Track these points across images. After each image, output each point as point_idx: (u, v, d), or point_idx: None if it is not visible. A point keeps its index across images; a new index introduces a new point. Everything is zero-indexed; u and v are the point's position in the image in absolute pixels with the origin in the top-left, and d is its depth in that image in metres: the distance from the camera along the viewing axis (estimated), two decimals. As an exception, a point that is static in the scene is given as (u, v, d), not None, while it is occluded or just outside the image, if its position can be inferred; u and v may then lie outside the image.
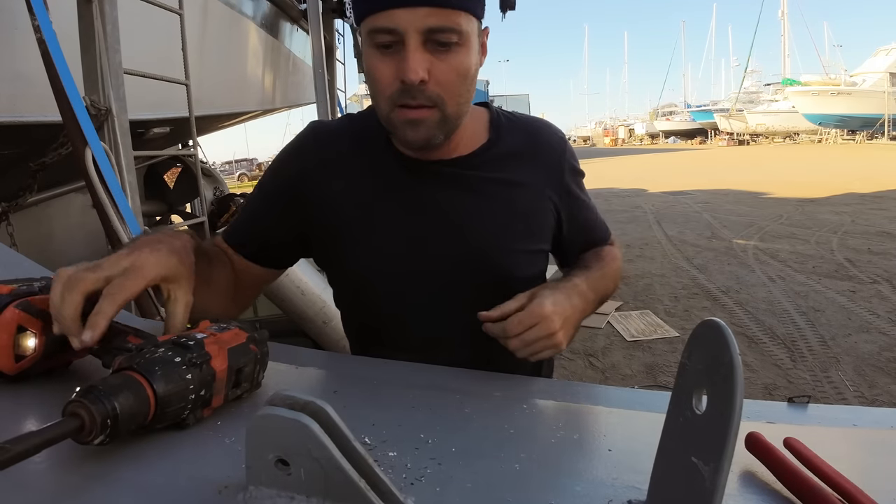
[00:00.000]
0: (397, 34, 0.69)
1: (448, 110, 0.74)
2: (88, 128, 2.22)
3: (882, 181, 12.31)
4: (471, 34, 0.73)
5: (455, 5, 0.70)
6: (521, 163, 0.86)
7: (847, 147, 30.42)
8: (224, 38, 4.65)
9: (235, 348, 0.54)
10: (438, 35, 0.69)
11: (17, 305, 0.56)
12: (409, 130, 0.74)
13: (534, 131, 0.90)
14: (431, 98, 0.72)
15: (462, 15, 0.71)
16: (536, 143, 0.88)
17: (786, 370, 3.55)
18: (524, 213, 0.86)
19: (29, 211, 3.23)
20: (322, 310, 3.27)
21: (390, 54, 0.71)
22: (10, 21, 2.30)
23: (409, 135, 0.75)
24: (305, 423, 0.34)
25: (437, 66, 0.71)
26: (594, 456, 0.48)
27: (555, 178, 0.89)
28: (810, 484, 0.41)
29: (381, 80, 0.73)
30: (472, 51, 0.74)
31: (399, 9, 0.68)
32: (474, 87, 0.77)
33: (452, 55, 0.71)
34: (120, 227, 2.29)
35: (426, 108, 0.73)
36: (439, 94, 0.72)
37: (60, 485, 0.42)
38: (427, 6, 0.68)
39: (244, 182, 27.64)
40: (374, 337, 0.92)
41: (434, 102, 0.72)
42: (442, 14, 0.69)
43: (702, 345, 0.35)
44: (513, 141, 0.87)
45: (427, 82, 0.70)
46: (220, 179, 6.09)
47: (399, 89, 0.71)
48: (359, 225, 0.84)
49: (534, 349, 0.71)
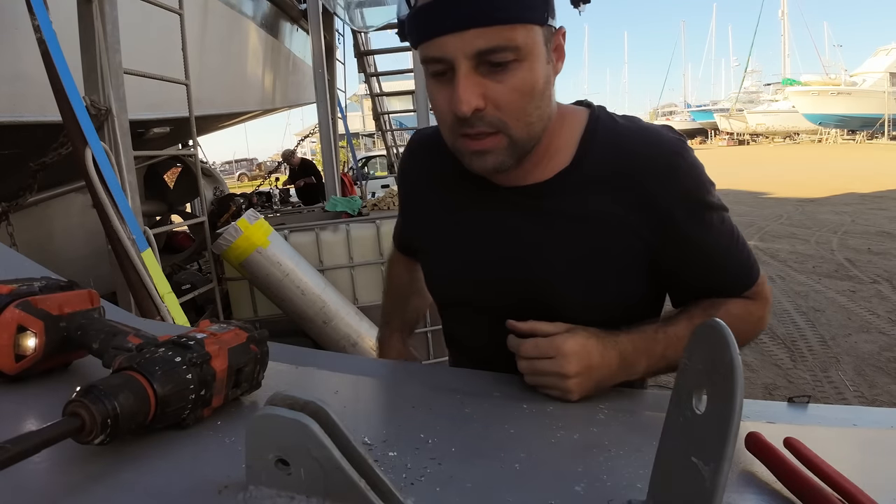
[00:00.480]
0: (447, 62, 0.64)
1: (515, 133, 0.67)
2: (88, 128, 2.22)
3: (882, 181, 12.30)
4: (533, 45, 0.64)
5: (506, 20, 0.62)
6: (605, 190, 0.73)
7: (847, 147, 30.42)
8: (224, 38, 4.65)
9: (235, 348, 0.54)
10: (491, 56, 0.63)
11: (18, 305, 0.56)
12: (474, 160, 0.70)
13: (634, 151, 0.73)
14: (493, 124, 0.66)
15: (517, 28, 0.63)
16: (632, 167, 0.72)
17: (786, 370, 3.55)
18: (595, 249, 0.74)
19: (29, 211, 3.23)
20: (322, 310, 3.28)
21: (445, 82, 0.66)
22: (11, 21, 2.30)
23: (475, 164, 0.70)
24: (305, 423, 0.34)
25: (493, 90, 0.64)
26: (594, 456, 0.48)
27: (651, 211, 0.72)
28: (810, 484, 0.41)
29: (439, 110, 0.69)
30: (538, 63, 0.66)
31: (446, 35, 0.62)
32: (549, 101, 0.70)
33: (511, 74, 0.64)
34: (120, 227, 2.29)
35: (490, 136, 0.67)
36: (500, 118, 0.66)
37: (61, 485, 0.42)
38: (475, 27, 0.61)
39: (244, 182, 27.61)
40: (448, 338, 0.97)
41: (496, 128, 0.66)
42: (492, 33, 0.62)
43: (702, 345, 0.35)
44: (601, 164, 0.73)
45: (483, 109, 0.64)
46: (220, 179, 6.10)
47: (456, 119, 0.66)
48: (429, 238, 0.87)
49: (540, 381, 0.65)
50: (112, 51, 2.46)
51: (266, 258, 3.19)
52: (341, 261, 3.64)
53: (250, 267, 3.21)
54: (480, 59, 0.63)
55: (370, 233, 3.64)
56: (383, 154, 10.86)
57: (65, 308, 0.60)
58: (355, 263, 3.64)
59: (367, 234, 3.64)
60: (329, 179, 5.36)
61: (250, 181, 25.29)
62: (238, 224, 3.16)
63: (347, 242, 3.62)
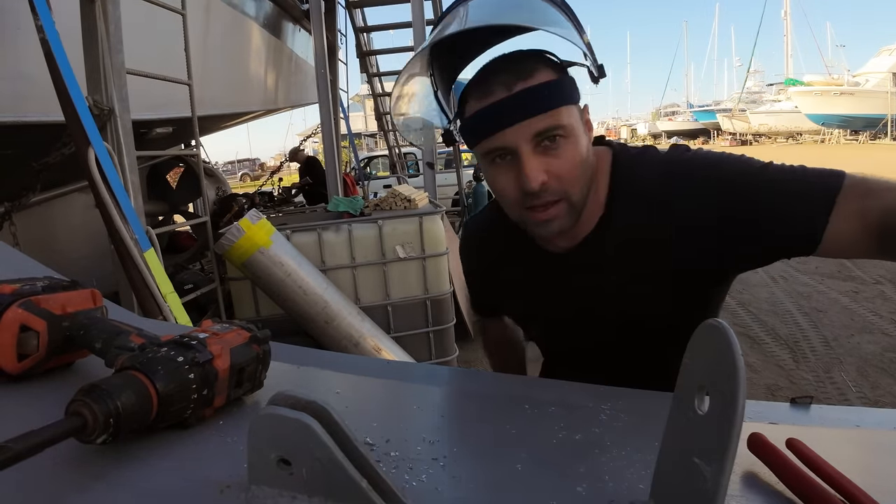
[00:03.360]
0: (509, 149, 0.76)
1: (574, 198, 0.78)
2: (91, 128, 2.23)
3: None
4: (574, 122, 0.77)
5: (552, 106, 0.74)
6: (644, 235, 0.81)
7: (850, 147, 30.34)
8: (227, 39, 4.66)
9: (238, 348, 0.54)
10: (546, 135, 0.74)
11: (20, 305, 0.56)
12: (541, 229, 0.80)
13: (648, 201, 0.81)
14: (556, 193, 0.76)
15: (562, 110, 0.75)
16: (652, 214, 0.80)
17: (788, 371, 3.55)
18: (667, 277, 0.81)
19: (32, 210, 3.23)
20: (324, 310, 3.28)
21: (506, 165, 0.77)
22: (13, 21, 2.31)
23: (542, 231, 0.81)
24: (307, 423, 0.34)
25: (552, 164, 0.75)
26: (596, 456, 0.48)
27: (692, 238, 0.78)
28: (813, 485, 0.41)
29: (505, 192, 0.79)
30: (580, 135, 0.78)
31: (507, 128, 0.74)
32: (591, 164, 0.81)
33: (563, 149, 0.76)
34: (122, 227, 2.29)
35: (553, 205, 0.77)
36: (561, 187, 0.76)
37: (63, 484, 0.42)
38: (530, 117, 0.73)
39: (246, 182, 27.64)
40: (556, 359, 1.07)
41: (559, 196, 0.77)
42: (545, 118, 0.74)
43: (704, 345, 0.35)
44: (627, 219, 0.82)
45: (547, 182, 0.75)
46: (222, 179, 6.10)
47: (522, 195, 0.77)
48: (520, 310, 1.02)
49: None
50: (115, 51, 2.47)
51: (268, 258, 3.19)
52: (343, 261, 3.64)
53: (252, 267, 3.21)
54: (538, 141, 0.75)
55: (372, 233, 3.64)
56: (385, 154, 10.87)
57: (67, 308, 0.60)
58: (357, 263, 3.64)
59: (370, 235, 3.64)
60: (331, 179, 5.37)
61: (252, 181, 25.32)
62: (240, 224, 3.16)
63: (349, 242, 3.63)
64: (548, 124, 0.74)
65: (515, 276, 0.95)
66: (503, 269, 0.97)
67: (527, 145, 0.74)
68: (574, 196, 0.78)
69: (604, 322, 0.88)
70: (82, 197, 4.22)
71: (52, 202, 3.92)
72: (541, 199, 0.76)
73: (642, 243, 0.82)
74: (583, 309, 0.89)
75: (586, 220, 0.84)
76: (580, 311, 0.89)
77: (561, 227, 0.79)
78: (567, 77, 0.78)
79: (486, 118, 0.76)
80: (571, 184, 0.77)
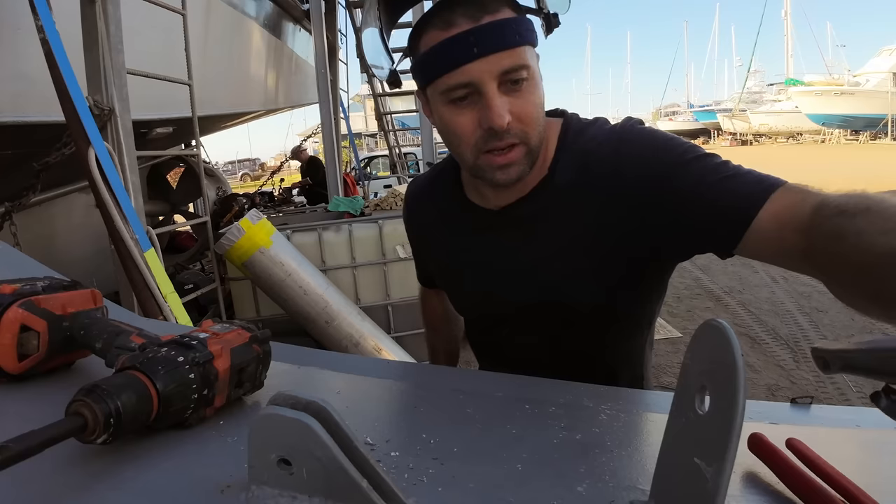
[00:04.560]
0: (474, 86, 0.71)
1: (532, 143, 0.75)
2: (92, 128, 2.23)
3: (886, 181, 12.25)
4: (535, 66, 0.74)
5: (519, 42, 0.71)
6: (578, 195, 0.80)
7: (850, 147, 30.33)
8: (227, 39, 4.66)
9: (238, 348, 0.54)
10: (511, 75, 0.71)
11: (21, 305, 0.56)
12: (499, 174, 0.76)
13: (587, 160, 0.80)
14: (517, 135, 0.73)
15: (528, 49, 0.72)
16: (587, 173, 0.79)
17: (789, 371, 3.55)
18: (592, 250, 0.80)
19: (32, 210, 3.24)
20: (325, 309, 3.28)
21: (466, 105, 0.73)
22: (14, 22, 2.31)
23: (500, 178, 0.76)
24: (308, 423, 0.34)
25: (515, 104, 0.72)
26: (596, 456, 0.48)
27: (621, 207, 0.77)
28: (813, 485, 0.41)
29: (462, 132, 0.74)
30: (539, 80, 0.75)
31: (473, 62, 0.70)
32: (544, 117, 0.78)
33: (525, 90, 0.73)
34: (123, 227, 2.29)
35: (514, 148, 0.74)
36: (522, 129, 0.73)
37: (63, 484, 0.42)
38: (498, 52, 0.69)
39: (247, 182, 27.63)
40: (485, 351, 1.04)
41: (520, 139, 0.74)
42: (512, 55, 0.70)
43: (704, 345, 0.35)
44: (565, 175, 0.81)
45: (511, 123, 0.72)
46: (222, 179, 6.09)
47: (483, 136, 0.73)
48: (445, 274, 0.99)
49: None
50: (115, 51, 2.47)
51: (268, 258, 3.20)
52: (344, 261, 3.64)
53: (253, 267, 3.21)
54: (502, 79, 0.71)
55: (373, 233, 3.64)
56: (386, 154, 10.88)
57: (68, 308, 0.60)
58: (358, 263, 3.65)
59: (370, 235, 3.64)
60: (332, 179, 5.37)
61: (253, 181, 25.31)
62: (241, 224, 3.17)
63: (350, 242, 3.63)
64: (515, 62, 0.70)
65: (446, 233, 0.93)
66: (436, 230, 0.95)
67: (492, 82, 0.70)
68: (532, 141, 0.75)
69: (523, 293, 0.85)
70: (83, 197, 4.22)
71: (52, 202, 3.92)
72: (503, 141, 0.73)
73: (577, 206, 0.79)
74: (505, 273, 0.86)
75: (530, 179, 0.81)
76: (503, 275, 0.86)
77: (519, 173, 0.76)
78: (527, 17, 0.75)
79: (450, 50, 0.70)
80: (532, 127, 0.74)
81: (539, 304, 0.85)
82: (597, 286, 0.81)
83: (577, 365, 0.88)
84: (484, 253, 0.88)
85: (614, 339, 0.87)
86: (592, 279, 0.81)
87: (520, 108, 0.72)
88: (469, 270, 0.91)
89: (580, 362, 0.88)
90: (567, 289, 0.82)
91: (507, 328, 0.91)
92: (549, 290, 0.83)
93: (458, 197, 0.90)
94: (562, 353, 0.87)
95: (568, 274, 0.81)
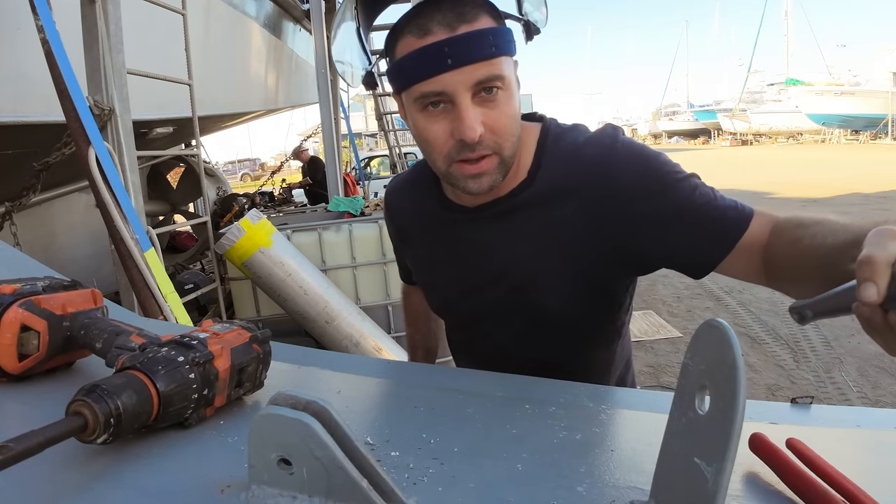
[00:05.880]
0: (447, 95, 0.71)
1: (505, 153, 0.75)
2: (92, 128, 2.23)
3: (886, 181, 12.26)
4: (511, 76, 0.74)
5: (495, 54, 0.70)
6: (563, 198, 0.80)
7: (851, 147, 30.33)
8: (227, 39, 4.66)
9: (238, 348, 0.54)
10: (485, 85, 0.71)
11: (21, 305, 0.56)
12: (470, 183, 0.75)
13: (575, 162, 0.80)
14: (489, 146, 0.73)
15: (503, 60, 0.72)
16: (577, 176, 0.79)
17: (789, 371, 3.55)
18: (567, 253, 0.80)
19: (32, 210, 3.24)
20: (325, 309, 3.28)
21: (440, 113, 0.72)
22: (14, 22, 2.31)
23: (471, 187, 0.76)
24: (308, 423, 0.34)
25: (488, 115, 0.72)
26: (597, 456, 0.48)
27: (605, 213, 0.77)
28: (813, 485, 0.41)
29: (435, 141, 0.74)
30: (515, 90, 0.75)
31: (447, 72, 0.69)
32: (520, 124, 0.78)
33: (500, 101, 0.72)
34: (123, 227, 2.29)
35: (485, 158, 0.74)
36: (495, 140, 0.73)
37: (63, 484, 0.42)
38: (472, 63, 0.69)
39: (247, 182, 27.63)
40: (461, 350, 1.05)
41: (492, 150, 0.73)
42: (485, 66, 0.70)
43: (705, 345, 0.35)
44: (552, 175, 0.81)
45: (483, 134, 0.72)
46: (223, 179, 6.10)
47: (455, 146, 0.73)
48: (422, 272, 0.98)
49: None
50: (115, 51, 2.47)
51: (269, 258, 3.20)
52: (344, 261, 3.64)
53: (253, 267, 3.21)
54: (475, 91, 0.71)
55: (373, 233, 3.64)
56: (386, 154, 10.87)
57: (68, 308, 0.60)
58: (358, 263, 3.64)
59: (370, 234, 3.64)
60: (332, 179, 5.37)
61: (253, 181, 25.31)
62: (241, 224, 3.17)
63: (350, 242, 3.63)
64: (489, 73, 0.70)
65: (424, 230, 0.93)
66: (415, 226, 0.95)
67: (466, 93, 0.70)
68: (506, 151, 0.75)
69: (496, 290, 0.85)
70: (83, 197, 4.23)
71: (52, 202, 3.92)
72: (475, 153, 0.72)
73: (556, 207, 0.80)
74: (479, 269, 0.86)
75: (508, 180, 0.81)
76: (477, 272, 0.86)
77: (491, 183, 0.76)
78: (506, 27, 0.74)
79: (424, 59, 0.70)
80: (505, 138, 0.74)
81: (510, 301, 0.85)
82: (566, 286, 0.81)
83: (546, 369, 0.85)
84: (460, 250, 0.88)
85: (582, 345, 0.88)
86: (564, 280, 0.81)
87: (493, 119, 0.72)
88: (445, 266, 0.91)
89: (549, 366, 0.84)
90: (538, 287, 0.82)
91: (480, 326, 0.91)
92: (520, 288, 0.83)
93: (436, 195, 0.90)
94: (531, 355, 0.88)
95: (541, 273, 0.82)
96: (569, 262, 0.80)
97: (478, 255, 0.86)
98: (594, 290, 0.82)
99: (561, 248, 0.80)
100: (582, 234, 0.79)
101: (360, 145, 17.59)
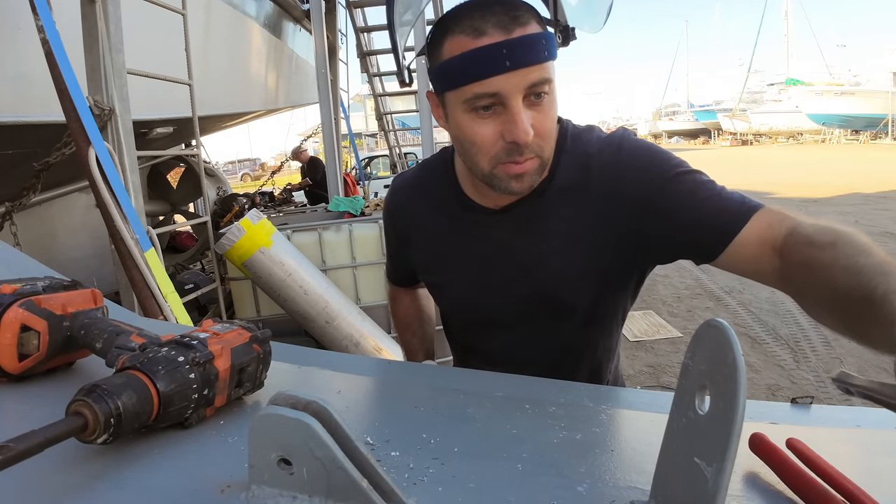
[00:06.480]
0: (500, 97, 0.71)
1: (546, 156, 0.77)
2: (92, 128, 2.23)
3: (886, 181, 12.26)
4: (555, 81, 0.75)
5: (548, 58, 0.72)
6: (579, 196, 0.82)
7: (851, 147, 30.33)
8: (227, 38, 4.66)
9: (238, 348, 0.54)
10: (536, 89, 0.72)
11: (21, 305, 0.56)
12: (513, 183, 0.76)
13: (589, 162, 0.82)
14: (534, 150, 0.74)
15: (551, 64, 0.73)
16: (591, 176, 0.82)
17: (789, 371, 3.55)
18: (586, 249, 0.82)
19: (32, 210, 3.24)
20: (325, 309, 3.28)
21: (489, 115, 0.73)
22: (14, 22, 2.31)
23: (514, 187, 0.77)
24: (308, 423, 0.34)
25: (536, 119, 0.73)
26: (597, 456, 0.48)
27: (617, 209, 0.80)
28: (814, 485, 0.41)
29: (483, 143, 0.74)
30: (556, 95, 0.76)
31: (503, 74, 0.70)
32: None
33: (546, 105, 0.74)
34: (123, 227, 2.29)
35: (529, 160, 0.75)
36: (539, 143, 0.74)
37: (63, 484, 0.42)
38: (528, 66, 0.70)
39: (247, 182, 27.64)
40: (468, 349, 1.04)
41: (535, 153, 0.75)
42: (539, 69, 0.71)
43: (705, 345, 0.35)
44: (569, 175, 0.83)
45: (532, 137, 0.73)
46: (223, 179, 6.10)
47: (504, 148, 0.74)
48: (433, 272, 0.97)
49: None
50: (115, 51, 2.47)
51: (269, 258, 3.20)
52: (344, 261, 3.64)
53: (253, 267, 3.21)
54: (526, 94, 0.72)
55: (373, 233, 3.64)
56: (386, 154, 10.88)
57: (68, 308, 0.60)
58: (358, 263, 3.65)
59: (370, 234, 3.64)
60: (332, 179, 5.37)
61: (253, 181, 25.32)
62: (241, 224, 3.17)
63: (350, 242, 3.63)
64: (540, 76, 0.71)
65: (440, 230, 0.93)
66: (428, 225, 0.94)
67: (519, 96, 0.71)
68: (546, 154, 0.77)
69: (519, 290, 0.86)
70: (83, 197, 4.23)
71: (52, 202, 3.93)
72: (523, 155, 0.74)
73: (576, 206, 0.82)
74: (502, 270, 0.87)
75: None
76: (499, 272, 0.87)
77: (531, 183, 0.77)
78: (551, 32, 0.75)
79: (480, 60, 0.70)
80: (548, 141, 0.76)
81: (533, 301, 0.86)
82: (589, 284, 0.83)
83: (564, 362, 0.91)
84: (482, 249, 0.88)
85: (598, 336, 0.90)
86: (586, 277, 0.83)
87: (540, 122, 0.73)
88: (462, 266, 0.91)
89: (567, 360, 0.91)
90: (562, 286, 0.84)
91: (498, 324, 0.92)
92: (544, 288, 0.85)
93: (455, 194, 0.90)
94: (551, 350, 0.90)
95: (563, 272, 0.83)
96: (588, 258, 0.82)
97: (500, 254, 0.87)
98: (611, 283, 0.85)
99: (579, 245, 0.82)
100: (598, 231, 0.81)
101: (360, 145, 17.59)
